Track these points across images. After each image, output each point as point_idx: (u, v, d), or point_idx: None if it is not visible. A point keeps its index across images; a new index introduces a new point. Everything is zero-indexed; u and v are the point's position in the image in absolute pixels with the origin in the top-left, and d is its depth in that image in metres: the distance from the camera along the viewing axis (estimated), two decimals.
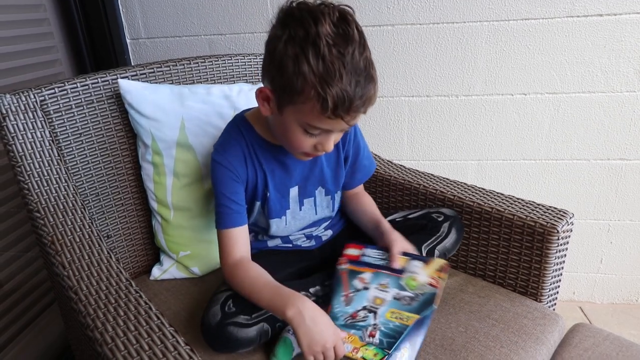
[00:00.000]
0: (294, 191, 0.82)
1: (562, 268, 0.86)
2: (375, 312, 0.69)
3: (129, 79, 0.88)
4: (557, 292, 0.88)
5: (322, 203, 0.86)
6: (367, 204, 0.87)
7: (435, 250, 0.81)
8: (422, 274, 0.72)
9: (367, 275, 0.74)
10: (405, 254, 0.75)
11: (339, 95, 0.59)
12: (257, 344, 0.69)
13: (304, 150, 0.70)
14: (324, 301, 0.76)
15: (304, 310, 0.63)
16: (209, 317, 0.68)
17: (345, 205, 0.91)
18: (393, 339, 0.64)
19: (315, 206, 0.85)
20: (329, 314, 0.70)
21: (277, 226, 0.83)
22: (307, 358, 0.63)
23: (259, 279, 0.71)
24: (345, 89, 0.59)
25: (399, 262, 0.74)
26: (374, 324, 0.67)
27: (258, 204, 0.81)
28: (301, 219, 0.85)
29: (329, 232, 0.91)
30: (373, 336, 0.66)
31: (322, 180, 0.84)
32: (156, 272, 0.93)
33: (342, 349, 0.64)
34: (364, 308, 0.70)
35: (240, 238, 0.76)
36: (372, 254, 0.77)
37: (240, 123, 0.78)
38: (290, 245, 0.88)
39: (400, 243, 0.75)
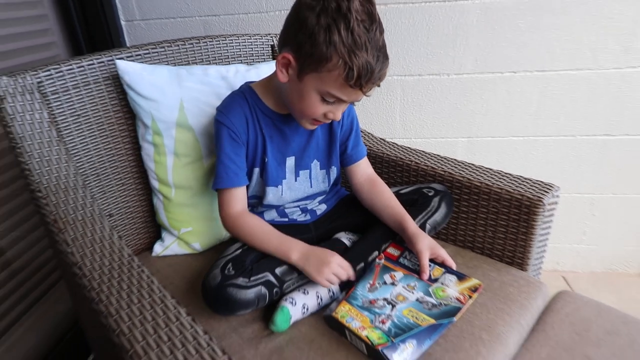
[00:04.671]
0: (290, 161, 0.83)
1: (547, 239, 0.87)
2: (394, 306, 0.69)
3: (124, 60, 0.86)
4: (542, 262, 0.89)
5: (318, 177, 0.87)
6: (385, 197, 0.83)
7: (427, 224, 0.82)
8: (453, 288, 0.72)
9: (398, 274, 0.75)
10: (442, 265, 0.75)
11: (364, 66, 0.63)
12: (255, 307, 0.70)
13: (315, 117, 0.72)
14: None
15: (303, 252, 0.72)
16: (209, 280, 0.70)
17: (361, 194, 0.87)
18: (401, 331, 0.64)
19: (311, 179, 0.86)
20: (350, 293, 0.72)
21: (273, 195, 0.84)
22: (323, 284, 0.71)
23: (262, 227, 0.77)
24: (369, 61, 0.63)
25: (427, 274, 0.73)
26: (389, 314, 0.67)
27: (257, 170, 0.82)
28: (296, 190, 0.86)
29: (323, 207, 0.91)
30: (384, 323, 0.66)
31: (318, 153, 0.85)
32: (158, 249, 0.93)
33: (346, 265, 0.72)
34: (385, 299, 0.70)
35: (238, 196, 0.79)
36: (410, 258, 0.77)
37: (245, 90, 0.80)
38: (286, 219, 0.88)
39: (427, 253, 0.74)
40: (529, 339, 0.75)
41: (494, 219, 0.87)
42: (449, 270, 0.74)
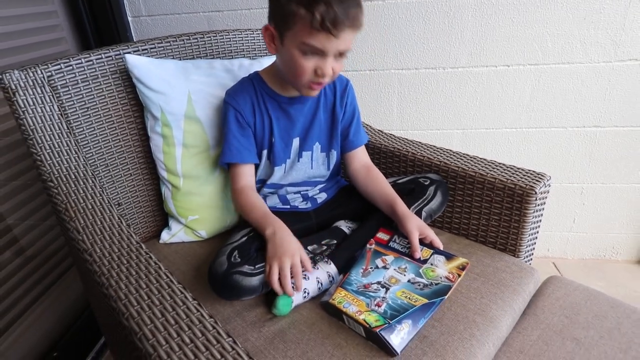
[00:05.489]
0: (296, 142, 0.85)
1: (539, 227, 0.86)
2: (387, 288, 0.69)
3: (131, 54, 0.85)
4: (533, 249, 0.89)
5: (318, 159, 0.87)
6: (379, 183, 0.84)
7: (423, 212, 0.81)
8: (442, 268, 0.71)
9: (389, 257, 0.74)
10: (430, 247, 0.75)
11: (324, 9, 0.64)
12: (259, 292, 0.70)
13: (307, 77, 0.72)
14: (320, 259, 0.77)
15: (277, 232, 0.71)
16: (216, 267, 0.69)
17: (357, 180, 0.87)
18: (397, 312, 0.64)
19: (312, 160, 0.87)
20: (345, 279, 0.71)
21: (278, 173, 0.86)
22: (266, 270, 0.68)
23: (256, 203, 0.78)
24: (328, 3, 0.64)
25: (419, 253, 0.73)
26: (383, 297, 0.67)
27: (265, 152, 0.84)
28: (298, 170, 0.86)
29: (324, 195, 0.91)
30: (379, 306, 0.66)
31: (320, 135, 0.86)
32: (165, 236, 0.93)
33: (298, 267, 0.67)
34: (378, 283, 0.70)
35: (242, 171, 0.81)
36: (400, 242, 0.77)
37: (253, 76, 0.83)
38: (288, 206, 0.88)
39: (417, 232, 0.74)
40: (520, 322, 0.75)
41: (487, 207, 0.86)
42: (437, 251, 0.74)
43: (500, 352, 0.70)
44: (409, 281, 0.70)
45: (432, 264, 0.72)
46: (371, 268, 0.73)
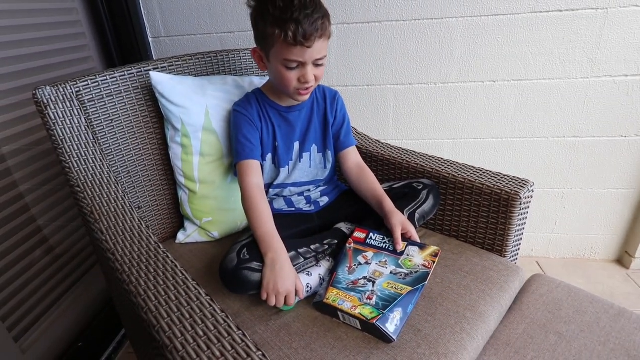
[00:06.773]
0: (297, 145, 0.86)
1: (523, 229, 0.86)
2: (374, 282, 0.69)
3: (154, 72, 0.85)
4: (519, 249, 0.88)
5: (316, 159, 0.89)
6: (370, 182, 0.85)
7: (416, 214, 0.81)
8: (418, 257, 0.71)
9: (369, 253, 0.74)
10: (404, 240, 0.75)
11: (294, 27, 0.66)
12: None
13: (294, 85, 0.74)
14: (322, 257, 0.76)
15: (277, 258, 0.67)
16: (227, 263, 0.69)
17: (350, 177, 0.88)
18: (388, 302, 0.64)
19: (310, 160, 0.88)
20: (334, 279, 0.71)
21: (283, 174, 0.87)
22: (262, 294, 0.66)
23: (263, 211, 0.74)
24: (297, 20, 0.66)
25: (401, 244, 0.73)
26: (372, 290, 0.67)
27: (269, 156, 0.85)
28: (300, 169, 0.87)
29: (325, 199, 0.91)
30: (370, 299, 0.65)
31: (316, 138, 0.88)
32: (181, 237, 0.93)
33: (292, 299, 0.66)
34: (364, 278, 0.70)
35: (255, 168, 0.79)
36: (375, 238, 0.77)
37: (256, 91, 0.86)
38: (293, 208, 0.88)
39: (399, 227, 0.74)
40: (507, 317, 0.75)
41: (476, 211, 0.86)
42: (410, 242, 0.74)
43: (489, 344, 0.69)
44: (391, 272, 0.70)
45: (408, 255, 0.72)
46: (355, 265, 0.73)
